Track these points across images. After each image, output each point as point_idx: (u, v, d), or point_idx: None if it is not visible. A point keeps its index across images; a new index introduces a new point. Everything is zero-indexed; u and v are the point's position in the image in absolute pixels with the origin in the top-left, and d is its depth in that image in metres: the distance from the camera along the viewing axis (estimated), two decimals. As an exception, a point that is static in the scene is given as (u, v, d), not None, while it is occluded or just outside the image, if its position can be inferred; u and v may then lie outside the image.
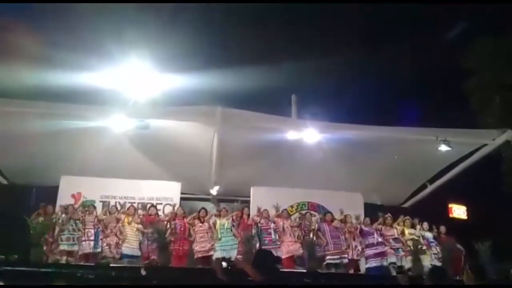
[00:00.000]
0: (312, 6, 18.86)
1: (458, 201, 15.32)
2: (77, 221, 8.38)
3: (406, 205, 11.16)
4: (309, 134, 9.02)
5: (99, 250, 8.23)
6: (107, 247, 8.27)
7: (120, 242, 8.32)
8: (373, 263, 8.62)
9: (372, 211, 9.67)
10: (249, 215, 8.73)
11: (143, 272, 7.27)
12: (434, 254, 8.82)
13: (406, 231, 9.02)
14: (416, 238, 8.93)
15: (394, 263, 8.70)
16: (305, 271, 8.21)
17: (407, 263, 8.72)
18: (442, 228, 9.36)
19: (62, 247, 8.20)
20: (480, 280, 4.09)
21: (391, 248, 8.78)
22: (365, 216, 9.39)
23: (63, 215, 8.46)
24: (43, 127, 8.61)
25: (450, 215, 14.74)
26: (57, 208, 8.86)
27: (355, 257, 8.76)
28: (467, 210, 15.89)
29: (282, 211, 8.98)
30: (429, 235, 9.10)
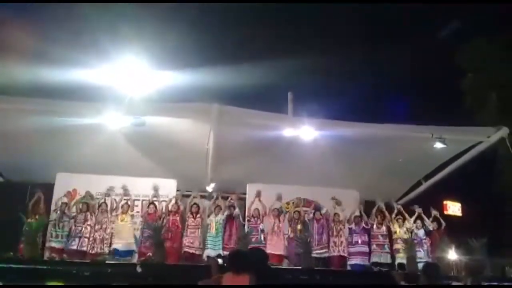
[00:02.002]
0: (309, 4, 18.87)
1: (453, 198, 15.41)
2: (69, 219, 8.45)
3: (401, 202, 11.18)
4: (305, 131, 9.02)
5: (84, 248, 8.29)
6: (94, 241, 8.33)
7: (108, 237, 8.41)
8: (353, 261, 8.89)
9: (367, 208, 9.72)
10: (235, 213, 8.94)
11: (138, 269, 7.28)
12: (425, 250, 9.06)
13: (398, 229, 9.19)
14: (407, 237, 9.08)
15: (377, 262, 8.88)
16: (300, 268, 8.27)
17: (396, 261, 8.91)
18: (434, 224, 9.55)
19: (50, 244, 8.24)
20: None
21: (377, 245, 8.95)
22: (360, 213, 9.53)
23: (57, 213, 8.52)
24: (38, 124, 8.56)
25: (445, 212, 14.83)
26: (52, 206, 8.89)
27: (341, 254, 8.90)
28: (462, 207, 15.99)
29: (273, 210, 9.15)
30: (420, 232, 9.26)
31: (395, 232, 9.20)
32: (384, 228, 9.22)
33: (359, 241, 9.00)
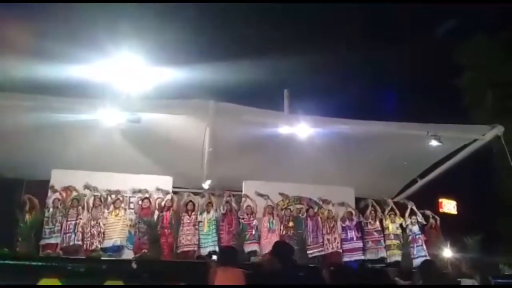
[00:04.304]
0: (305, 2, 18.87)
1: (448, 196, 15.48)
2: (62, 215, 8.45)
3: (397, 199, 11.23)
4: (301, 128, 9.02)
5: (79, 242, 8.28)
6: (91, 236, 8.34)
7: (103, 233, 8.43)
8: (349, 258, 8.96)
9: (363, 205, 9.77)
10: (231, 210, 9.00)
11: (134, 266, 7.28)
12: (419, 245, 9.11)
13: (390, 225, 9.27)
14: (399, 232, 9.20)
15: (374, 259, 8.98)
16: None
17: (389, 257, 8.98)
18: (431, 222, 9.64)
19: (44, 241, 8.24)
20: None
21: (372, 241, 9.05)
22: (357, 209, 9.60)
23: (50, 209, 8.51)
24: (34, 120, 8.52)
25: (440, 210, 14.90)
26: (47, 203, 8.87)
27: (336, 250, 8.98)
28: (457, 205, 16.08)
29: (267, 206, 9.24)
30: (415, 228, 9.31)
31: (387, 228, 9.28)
32: (378, 224, 9.31)
33: (354, 238, 9.08)
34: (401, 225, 9.41)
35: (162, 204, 8.85)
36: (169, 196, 9.05)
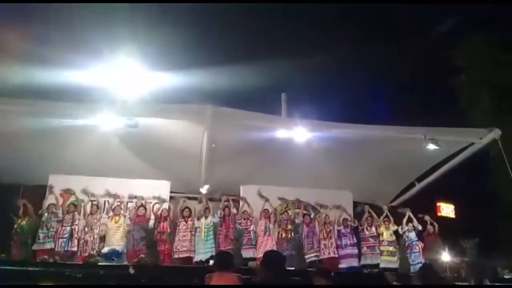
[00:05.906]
0: (301, 5, 18.95)
1: (446, 200, 15.47)
2: (57, 221, 8.43)
3: (395, 203, 11.23)
4: (299, 132, 9.03)
5: (74, 248, 8.25)
6: (85, 243, 8.30)
7: (98, 238, 8.40)
8: (343, 264, 9.00)
9: (360, 210, 9.78)
10: (229, 214, 9.02)
11: (131, 271, 7.26)
12: (416, 252, 9.17)
13: (384, 232, 9.31)
14: (393, 239, 9.26)
15: (368, 264, 9.01)
16: (293, 268, 8.28)
17: (383, 263, 9.03)
18: (430, 228, 9.64)
19: (37, 246, 8.20)
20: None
21: (368, 247, 9.09)
22: (354, 214, 9.61)
23: (45, 214, 8.49)
24: (31, 125, 8.51)
25: (439, 214, 14.88)
26: (44, 208, 8.85)
27: (331, 255, 8.97)
28: (455, 209, 16.06)
29: (264, 211, 9.27)
30: (412, 234, 9.33)
31: (382, 234, 9.32)
32: (374, 229, 9.36)
33: (348, 244, 9.12)
34: (396, 231, 9.42)
35: (159, 213, 8.84)
36: (166, 206, 9.03)
